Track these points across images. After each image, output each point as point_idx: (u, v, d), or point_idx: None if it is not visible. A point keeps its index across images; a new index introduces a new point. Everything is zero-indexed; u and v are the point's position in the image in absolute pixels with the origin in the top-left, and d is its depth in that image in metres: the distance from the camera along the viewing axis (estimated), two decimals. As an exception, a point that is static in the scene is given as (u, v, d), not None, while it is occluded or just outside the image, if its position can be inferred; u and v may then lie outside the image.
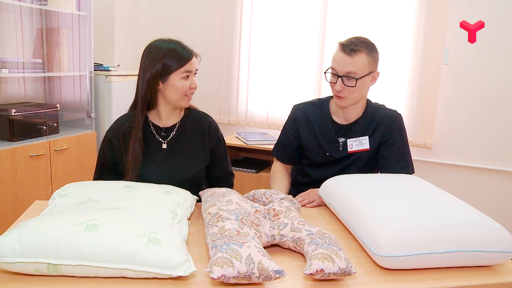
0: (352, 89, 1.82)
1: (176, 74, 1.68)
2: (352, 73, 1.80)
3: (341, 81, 1.82)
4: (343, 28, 3.38)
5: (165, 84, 1.70)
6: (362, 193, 1.53)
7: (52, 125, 2.98)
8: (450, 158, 3.35)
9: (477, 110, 3.23)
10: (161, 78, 1.69)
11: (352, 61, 1.79)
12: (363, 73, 1.81)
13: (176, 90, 1.70)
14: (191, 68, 1.70)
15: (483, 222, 1.31)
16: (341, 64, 1.81)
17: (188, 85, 1.71)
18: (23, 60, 2.89)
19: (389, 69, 3.30)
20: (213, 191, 1.56)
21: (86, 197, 1.40)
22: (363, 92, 1.88)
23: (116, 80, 3.30)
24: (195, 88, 1.74)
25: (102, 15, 3.57)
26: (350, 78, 1.81)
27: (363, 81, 1.83)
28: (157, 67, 1.67)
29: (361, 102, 1.93)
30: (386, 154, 1.92)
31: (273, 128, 3.69)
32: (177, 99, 1.73)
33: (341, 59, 1.81)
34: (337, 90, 1.84)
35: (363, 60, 1.80)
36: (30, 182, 2.76)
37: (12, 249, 1.07)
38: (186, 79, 1.70)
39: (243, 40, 3.69)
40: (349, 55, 1.79)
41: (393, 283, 1.18)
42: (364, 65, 1.81)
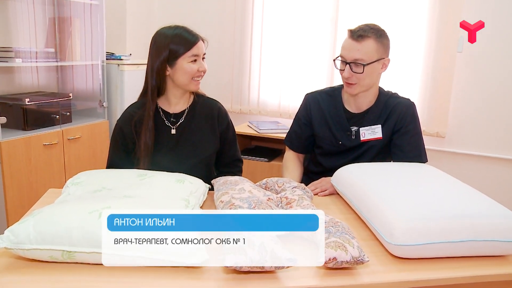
0: (360, 75, 1.80)
1: (183, 58, 1.70)
2: (359, 59, 1.78)
3: (349, 67, 1.80)
4: (356, 16, 3.34)
5: (173, 68, 1.72)
6: (375, 181, 1.52)
7: (65, 114, 3.00)
8: (464, 147, 3.31)
9: (491, 99, 3.17)
10: (169, 63, 1.71)
11: (359, 47, 1.77)
12: (371, 59, 1.79)
13: (184, 74, 1.72)
14: (198, 51, 1.72)
15: (497, 212, 1.30)
16: (349, 51, 1.80)
17: (196, 68, 1.72)
18: (36, 49, 2.91)
19: (402, 57, 3.25)
20: (226, 180, 1.57)
21: (99, 185, 1.41)
22: (373, 79, 1.86)
23: (128, 69, 3.31)
24: (204, 72, 1.76)
25: (114, 4, 3.58)
26: (357, 65, 1.79)
27: (372, 68, 1.81)
28: (164, 54, 1.69)
29: (373, 90, 1.91)
30: (399, 143, 1.90)
31: (285, 116, 3.68)
32: (185, 83, 1.74)
33: (349, 45, 1.80)
34: (345, 77, 1.83)
35: (371, 46, 1.78)
36: (44, 171, 2.79)
37: (28, 236, 1.09)
38: (194, 63, 1.72)
39: (255, 29, 3.67)
40: (357, 41, 1.78)
41: (406, 272, 1.18)
42: (372, 51, 1.79)
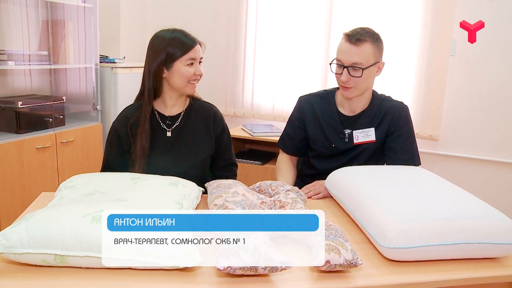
0: (358, 79, 1.80)
1: (180, 61, 1.70)
2: (358, 63, 1.78)
3: (347, 71, 1.80)
4: (350, 19, 3.36)
5: (170, 71, 1.72)
6: (368, 184, 1.53)
7: (58, 117, 2.99)
8: (457, 150, 3.33)
9: (484, 102, 3.20)
10: (165, 65, 1.71)
11: (358, 51, 1.78)
12: (368, 63, 1.79)
13: (181, 77, 1.72)
14: (195, 55, 1.72)
15: (489, 214, 1.30)
16: (347, 55, 1.79)
17: (193, 71, 1.73)
18: (29, 52, 2.90)
19: (396, 60, 3.27)
20: (219, 183, 1.56)
21: (93, 188, 1.40)
22: (369, 83, 1.87)
23: (122, 72, 3.30)
24: (200, 75, 1.76)
25: (107, 7, 3.57)
26: (356, 69, 1.79)
27: (369, 71, 1.81)
28: (162, 56, 1.70)
29: (367, 93, 1.92)
30: (392, 146, 1.91)
31: (279, 120, 3.68)
32: (181, 85, 1.75)
33: (347, 49, 1.79)
34: (343, 81, 1.82)
35: (368, 50, 1.79)
36: (37, 174, 2.78)
37: (20, 240, 1.08)
38: (191, 66, 1.72)
39: (249, 32, 3.68)
40: (355, 45, 1.78)
41: (399, 275, 1.18)
42: (369, 55, 1.79)
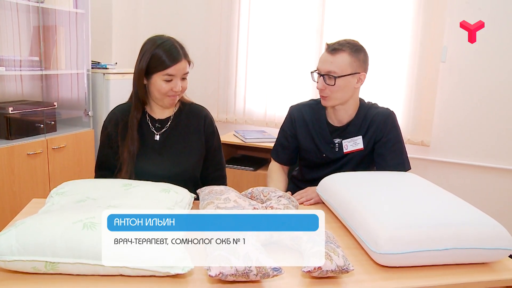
0: (332, 88, 1.82)
1: (158, 76, 1.69)
2: (332, 72, 1.81)
3: (323, 79, 1.83)
4: (342, 27, 3.38)
5: (149, 81, 1.73)
6: (359, 190, 1.53)
7: (49, 123, 2.97)
8: (448, 156, 3.35)
9: (475, 108, 3.23)
10: (145, 75, 1.71)
11: (332, 60, 1.81)
12: (343, 72, 1.81)
13: (157, 90, 1.72)
14: (174, 72, 1.69)
15: (480, 220, 1.31)
16: (323, 63, 1.84)
17: (169, 88, 1.71)
18: (20, 58, 2.88)
19: (387, 67, 3.30)
20: (211, 189, 1.56)
21: (84, 195, 1.39)
22: (347, 93, 1.86)
23: (114, 78, 3.29)
24: (178, 92, 1.73)
25: (99, 12, 3.56)
26: (330, 77, 1.82)
27: (344, 81, 1.82)
28: (143, 64, 1.70)
29: (352, 104, 1.92)
30: (381, 152, 1.92)
31: (271, 126, 3.68)
32: (159, 98, 1.75)
33: (324, 58, 1.84)
34: (318, 88, 1.86)
35: (344, 59, 1.81)
36: (28, 180, 2.75)
37: (10, 247, 1.07)
38: (167, 83, 1.70)
39: (241, 39, 3.68)
40: (331, 54, 1.81)
41: (390, 281, 1.18)
42: (345, 65, 1.81)
